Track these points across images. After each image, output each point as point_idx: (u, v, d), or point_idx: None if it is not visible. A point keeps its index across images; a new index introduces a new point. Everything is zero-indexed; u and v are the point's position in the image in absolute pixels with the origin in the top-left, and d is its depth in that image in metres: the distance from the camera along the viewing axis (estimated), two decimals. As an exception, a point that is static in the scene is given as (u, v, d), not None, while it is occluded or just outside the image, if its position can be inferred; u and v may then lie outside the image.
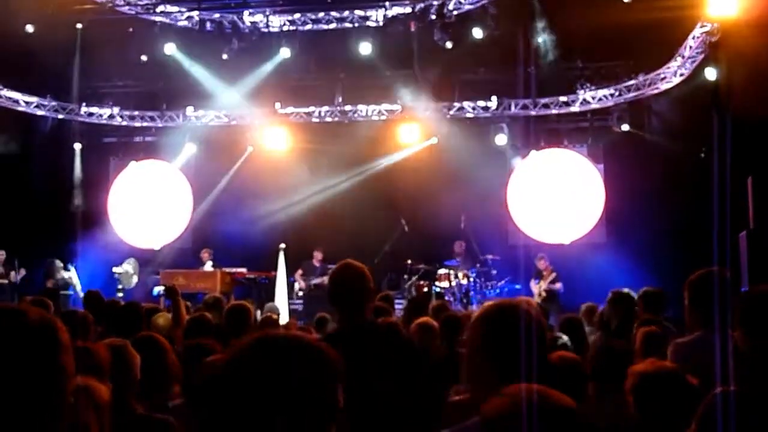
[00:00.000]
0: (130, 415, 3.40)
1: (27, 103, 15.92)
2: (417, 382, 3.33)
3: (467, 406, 2.48)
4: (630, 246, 14.44)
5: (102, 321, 6.90)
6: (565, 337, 5.56)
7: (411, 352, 3.63)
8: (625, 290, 6.95)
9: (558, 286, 14.11)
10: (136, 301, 7.05)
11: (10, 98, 15.64)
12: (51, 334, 1.53)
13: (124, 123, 17.11)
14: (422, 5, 14.07)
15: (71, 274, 15.02)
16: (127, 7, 14.64)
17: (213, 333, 6.48)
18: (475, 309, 13.35)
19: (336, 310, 4.00)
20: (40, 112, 16.18)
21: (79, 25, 14.55)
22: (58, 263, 15.08)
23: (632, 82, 14.90)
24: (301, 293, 14.98)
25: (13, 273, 14.90)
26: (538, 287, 14.27)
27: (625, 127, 15.43)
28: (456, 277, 14.45)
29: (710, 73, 13.32)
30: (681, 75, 14.13)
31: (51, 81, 15.80)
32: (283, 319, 10.45)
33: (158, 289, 13.83)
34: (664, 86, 14.53)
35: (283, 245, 14.47)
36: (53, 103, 16.19)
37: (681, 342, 4.14)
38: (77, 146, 16.81)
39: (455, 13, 14.20)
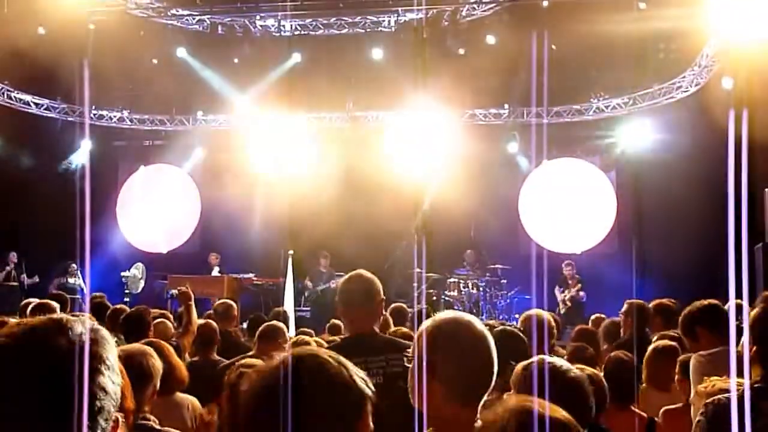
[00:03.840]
0: (143, 427, 3.38)
1: (37, 105, 15.89)
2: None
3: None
4: (642, 256, 14.28)
5: (107, 326, 6.76)
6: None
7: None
8: (640, 301, 6.84)
9: (581, 295, 13.95)
10: (143, 307, 6.88)
11: (20, 100, 15.62)
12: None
13: (134, 126, 17.09)
14: (435, 11, 13.96)
15: (77, 279, 14.97)
16: (138, 11, 14.57)
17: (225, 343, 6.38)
18: (484, 320, 13.21)
19: (344, 321, 4.05)
20: (50, 115, 16.13)
21: (90, 26, 14.50)
22: (73, 267, 15.04)
23: (646, 91, 14.74)
24: (308, 295, 14.86)
25: (23, 275, 14.90)
26: (562, 296, 14.10)
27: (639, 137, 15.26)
28: (466, 286, 14.29)
29: (726, 83, 13.15)
30: (696, 84, 13.96)
31: (61, 83, 15.74)
32: (291, 324, 10.34)
33: (173, 292, 13.66)
34: (679, 95, 14.36)
35: (291, 251, 14.36)
36: (63, 106, 16.16)
37: (703, 355, 4.31)
38: (86, 144, 16.73)
39: (468, 19, 14.09)
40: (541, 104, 15.52)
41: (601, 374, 4.65)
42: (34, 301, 7.54)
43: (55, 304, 6.93)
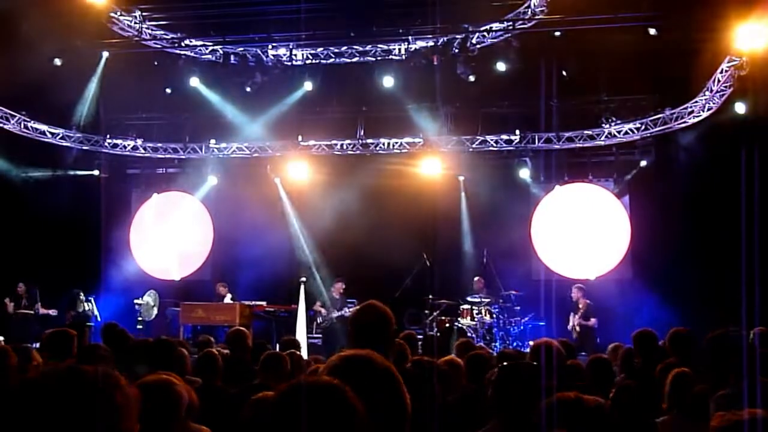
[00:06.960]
0: None
1: (52, 134, 16.00)
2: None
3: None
4: (656, 282, 14.17)
5: (119, 354, 6.72)
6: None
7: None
8: (648, 329, 6.78)
9: (592, 322, 13.64)
10: (170, 339, 6.82)
11: (36, 129, 15.72)
12: (111, 398, 1.49)
13: (148, 154, 17.17)
14: (445, 39, 14.01)
15: (91, 306, 14.99)
16: (152, 42, 14.71)
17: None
18: (498, 346, 13.11)
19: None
20: (65, 144, 16.25)
21: (105, 54, 14.67)
22: (81, 295, 15.06)
23: (659, 115, 14.68)
24: (320, 321, 14.80)
25: (37, 304, 14.94)
26: (572, 320, 13.87)
27: (652, 162, 15.21)
28: (479, 313, 14.19)
29: (739, 108, 13.12)
30: (709, 109, 13.90)
31: (77, 113, 15.87)
32: (303, 353, 10.29)
33: None
34: (691, 120, 14.29)
35: (303, 278, 14.34)
36: (78, 135, 16.26)
37: (723, 395, 4.12)
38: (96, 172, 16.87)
39: (478, 46, 14.11)
40: (552, 130, 15.51)
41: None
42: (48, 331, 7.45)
43: (72, 332, 6.87)
